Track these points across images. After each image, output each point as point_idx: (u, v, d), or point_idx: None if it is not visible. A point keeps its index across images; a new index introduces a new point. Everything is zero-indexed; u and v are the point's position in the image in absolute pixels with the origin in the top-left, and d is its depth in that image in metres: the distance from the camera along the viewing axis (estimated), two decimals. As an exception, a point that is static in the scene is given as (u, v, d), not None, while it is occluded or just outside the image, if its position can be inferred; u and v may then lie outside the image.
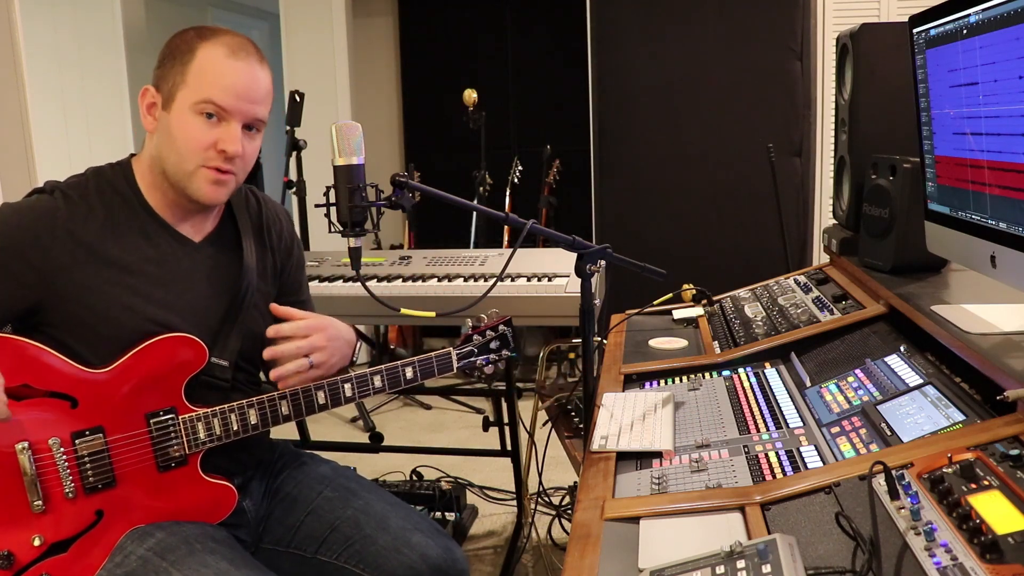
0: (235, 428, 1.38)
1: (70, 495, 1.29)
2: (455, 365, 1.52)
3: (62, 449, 1.28)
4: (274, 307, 1.48)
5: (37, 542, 1.26)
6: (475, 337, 1.55)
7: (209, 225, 1.46)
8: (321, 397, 1.42)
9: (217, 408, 1.38)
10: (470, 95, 3.90)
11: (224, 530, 1.40)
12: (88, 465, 1.30)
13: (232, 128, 1.34)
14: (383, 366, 1.47)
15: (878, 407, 1.19)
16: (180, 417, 1.35)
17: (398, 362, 1.47)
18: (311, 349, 1.41)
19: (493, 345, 1.55)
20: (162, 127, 1.36)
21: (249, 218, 1.52)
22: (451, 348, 1.52)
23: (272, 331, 1.42)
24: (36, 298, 1.30)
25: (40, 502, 1.27)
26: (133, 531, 1.32)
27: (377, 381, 1.46)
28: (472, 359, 1.54)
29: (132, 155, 1.44)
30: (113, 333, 1.33)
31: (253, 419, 1.39)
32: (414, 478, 2.93)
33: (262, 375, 1.57)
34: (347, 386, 1.44)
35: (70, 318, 1.31)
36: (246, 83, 1.34)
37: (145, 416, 1.34)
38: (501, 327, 1.56)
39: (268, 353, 1.42)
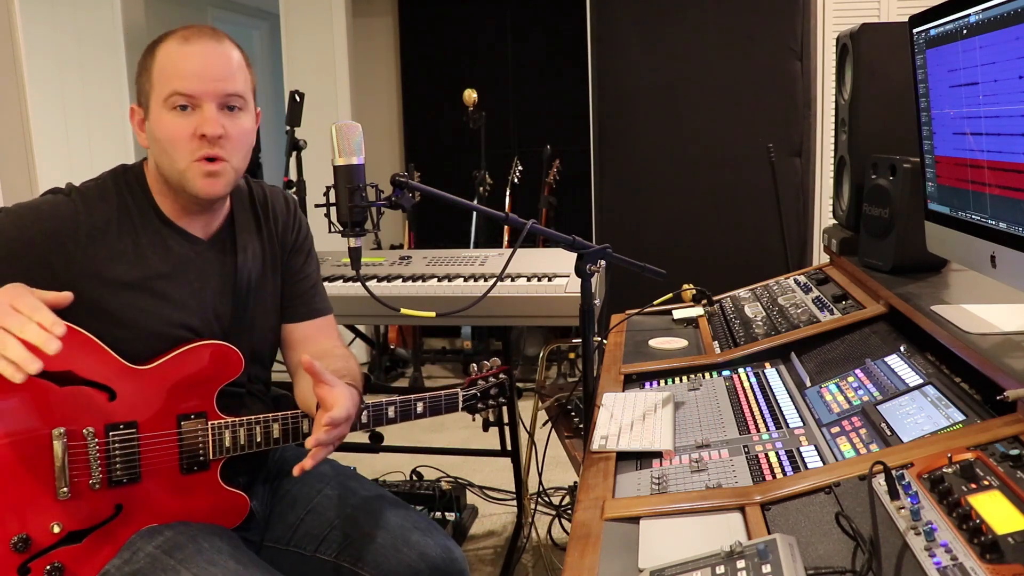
0: (258, 440, 1.41)
1: (95, 486, 1.29)
2: (460, 406, 1.68)
3: (96, 440, 1.29)
4: (305, 362, 1.30)
5: (56, 529, 1.27)
6: (479, 382, 1.71)
7: (216, 223, 1.46)
8: None
9: (244, 419, 1.40)
10: (470, 95, 3.90)
11: (234, 532, 1.41)
12: (117, 458, 1.31)
13: (206, 110, 1.32)
14: (397, 398, 1.55)
15: (878, 407, 1.19)
16: (210, 423, 1.38)
17: (412, 396, 1.58)
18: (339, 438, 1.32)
19: (493, 391, 1.72)
20: (151, 137, 1.36)
21: (253, 210, 1.52)
22: (459, 390, 1.66)
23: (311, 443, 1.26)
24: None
25: (66, 489, 1.27)
26: (144, 528, 1.33)
27: (391, 412, 1.55)
28: (475, 403, 1.70)
29: (145, 159, 1.44)
30: (129, 335, 1.34)
31: (276, 433, 1.43)
32: (414, 478, 2.94)
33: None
34: (364, 414, 1.50)
35: (85, 321, 1.31)
36: (204, 62, 1.32)
37: (177, 417, 1.36)
38: (502, 376, 1.73)
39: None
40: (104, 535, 1.30)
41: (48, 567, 1.25)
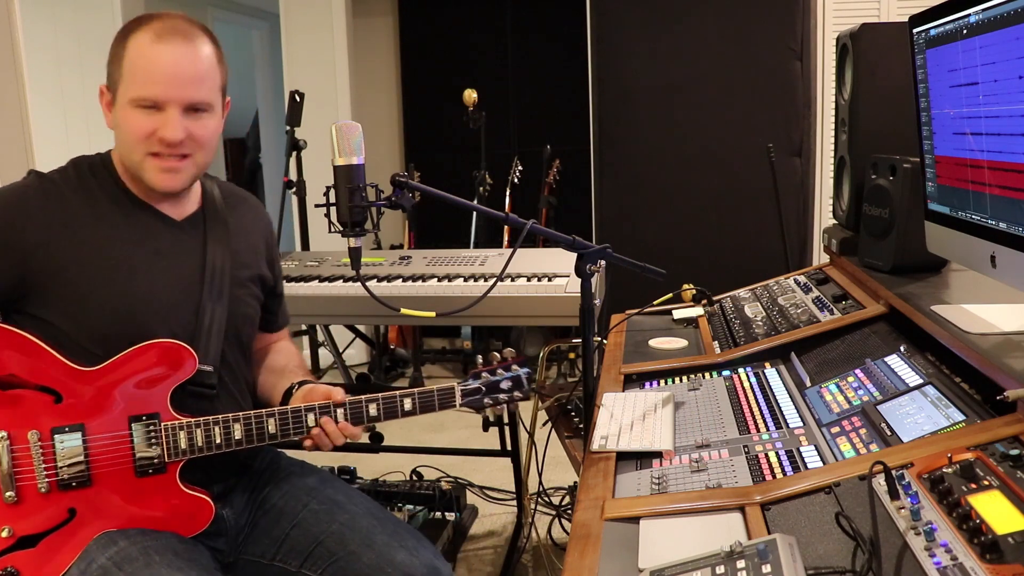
0: (218, 442, 1.36)
1: (43, 489, 1.29)
2: (458, 402, 1.45)
3: (40, 443, 1.28)
4: None
5: (5, 533, 1.27)
6: (483, 374, 1.46)
7: (191, 207, 1.48)
8: (311, 420, 1.40)
9: (201, 419, 1.36)
10: (470, 95, 3.90)
11: (196, 542, 1.38)
12: (64, 462, 1.30)
13: (169, 115, 1.33)
14: (380, 395, 1.42)
15: (878, 407, 1.19)
16: (163, 424, 1.34)
17: (396, 392, 1.43)
18: None
19: (504, 385, 1.45)
20: (115, 123, 1.38)
21: (229, 207, 1.54)
22: (456, 383, 1.45)
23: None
24: (15, 278, 1.32)
25: (12, 493, 1.27)
26: (101, 536, 1.31)
27: (372, 410, 1.42)
28: (477, 397, 1.45)
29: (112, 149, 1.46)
30: (96, 308, 1.33)
31: (238, 434, 1.37)
32: (414, 478, 2.93)
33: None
34: (339, 411, 1.41)
35: (53, 296, 1.32)
36: (174, 69, 1.32)
37: (128, 419, 1.33)
38: (515, 368, 1.46)
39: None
40: (60, 539, 1.29)
41: (2, 572, 1.25)
